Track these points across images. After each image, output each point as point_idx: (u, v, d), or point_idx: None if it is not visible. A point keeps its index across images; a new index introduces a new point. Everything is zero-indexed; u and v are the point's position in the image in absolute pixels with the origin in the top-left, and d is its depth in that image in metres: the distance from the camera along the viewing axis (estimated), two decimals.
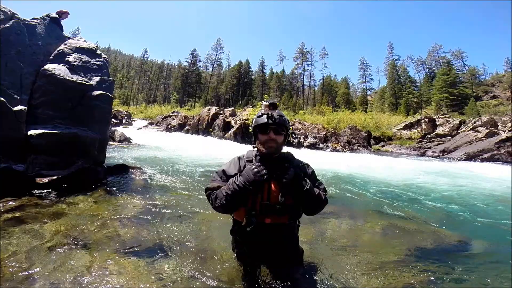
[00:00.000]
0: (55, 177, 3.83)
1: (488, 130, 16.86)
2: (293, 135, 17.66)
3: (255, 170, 1.50)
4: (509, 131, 17.42)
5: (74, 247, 2.13)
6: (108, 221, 2.73)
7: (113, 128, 13.88)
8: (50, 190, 3.53)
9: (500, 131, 17.81)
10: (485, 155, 13.67)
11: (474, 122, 20.13)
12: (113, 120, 21.39)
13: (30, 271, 1.75)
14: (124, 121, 27.11)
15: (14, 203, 2.97)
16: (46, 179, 3.73)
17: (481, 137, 16.09)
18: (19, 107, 3.72)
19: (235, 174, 1.60)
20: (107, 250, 2.12)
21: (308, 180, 1.58)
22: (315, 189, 1.62)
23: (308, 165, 1.77)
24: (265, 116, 1.59)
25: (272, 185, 1.56)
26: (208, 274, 1.86)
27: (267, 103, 1.62)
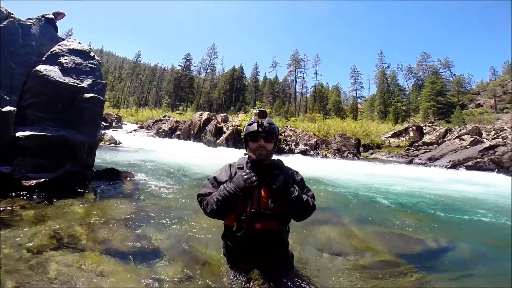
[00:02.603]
0: (42, 180, 3.75)
1: (473, 139, 17.40)
2: (284, 141, 17.80)
3: (246, 176, 1.56)
4: (492, 139, 18.04)
5: (62, 250, 2.10)
6: (96, 225, 2.70)
7: (102, 131, 13.68)
8: (37, 193, 3.46)
9: (484, 139, 18.41)
10: (470, 163, 14.08)
11: (460, 131, 20.75)
12: (102, 123, 21.06)
13: (15, 276, 1.72)
14: (113, 124, 26.64)
15: None
16: (33, 182, 3.66)
17: (466, 145, 16.58)
18: (8, 108, 3.66)
19: (226, 181, 1.66)
20: (96, 254, 2.10)
21: (296, 187, 1.65)
22: (304, 196, 1.68)
23: (297, 172, 1.84)
24: (256, 124, 1.65)
25: (262, 192, 1.62)
26: (198, 279, 1.87)
27: (257, 111, 1.68)
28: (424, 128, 24.46)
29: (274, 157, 1.80)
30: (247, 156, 1.75)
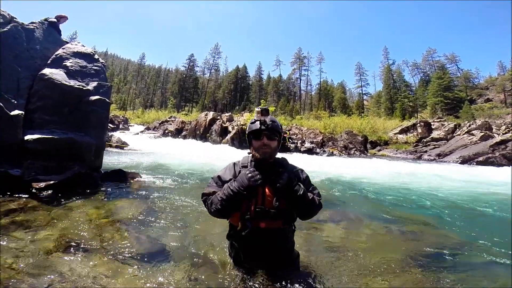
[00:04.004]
0: (51, 182, 3.81)
1: (483, 133, 17.03)
2: (290, 140, 17.73)
3: (249, 175, 1.54)
4: (503, 134, 17.63)
5: (71, 251, 2.13)
6: (105, 226, 2.72)
7: (110, 133, 13.86)
8: (46, 194, 3.51)
9: (494, 134, 18.00)
10: (480, 158, 13.79)
11: (469, 126, 20.34)
12: (110, 125, 21.32)
13: (27, 275, 1.74)
14: (121, 126, 27.04)
15: (10, 208, 2.95)
16: (42, 184, 3.72)
17: (476, 141, 16.24)
18: (16, 112, 3.72)
19: (230, 180, 1.64)
20: (104, 254, 2.11)
21: (301, 185, 1.62)
22: (309, 194, 1.65)
23: (302, 170, 1.81)
24: (258, 122, 1.63)
25: (267, 190, 1.59)
26: (205, 279, 1.87)
27: (259, 109, 1.67)
28: (432, 123, 24.04)
29: (280, 155, 1.77)
30: (251, 155, 1.73)
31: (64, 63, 4.65)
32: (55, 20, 5.11)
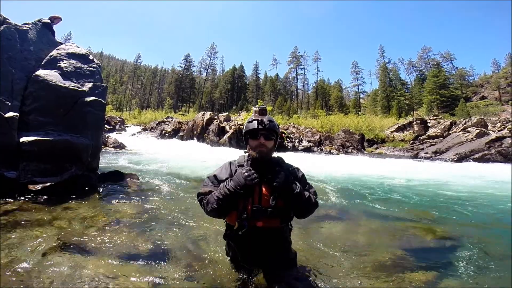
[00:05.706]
0: (48, 184, 3.78)
1: (478, 131, 17.13)
2: (288, 139, 17.77)
3: (246, 174, 1.53)
4: (498, 131, 17.78)
5: (68, 253, 2.12)
6: (102, 227, 2.72)
7: (106, 135, 13.78)
8: (43, 197, 3.49)
9: (490, 131, 18.13)
10: (476, 155, 13.88)
11: (465, 123, 20.45)
12: (106, 126, 21.20)
13: (24, 276, 1.73)
14: (117, 127, 26.83)
15: (6, 210, 2.92)
16: (38, 186, 3.69)
17: (472, 138, 16.34)
18: (10, 114, 3.69)
19: (227, 179, 1.63)
20: (102, 256, 2.11)
21: (298, 184, 1.62)
22: (306, 192, 1.65)
23: (298, 168, 1.81)
24: (256, 121, 1.63)
25: (263, 189, 1.59)
26: (202, 279, 1.87)
27: (257, 109, 1.66)
28: (428, 121, 24.17)
29: (278, 154, 1.77)
30: (247, 154, 1.73)
31: (58, 64, 4.61)
32: (49, 21, 5.06)
